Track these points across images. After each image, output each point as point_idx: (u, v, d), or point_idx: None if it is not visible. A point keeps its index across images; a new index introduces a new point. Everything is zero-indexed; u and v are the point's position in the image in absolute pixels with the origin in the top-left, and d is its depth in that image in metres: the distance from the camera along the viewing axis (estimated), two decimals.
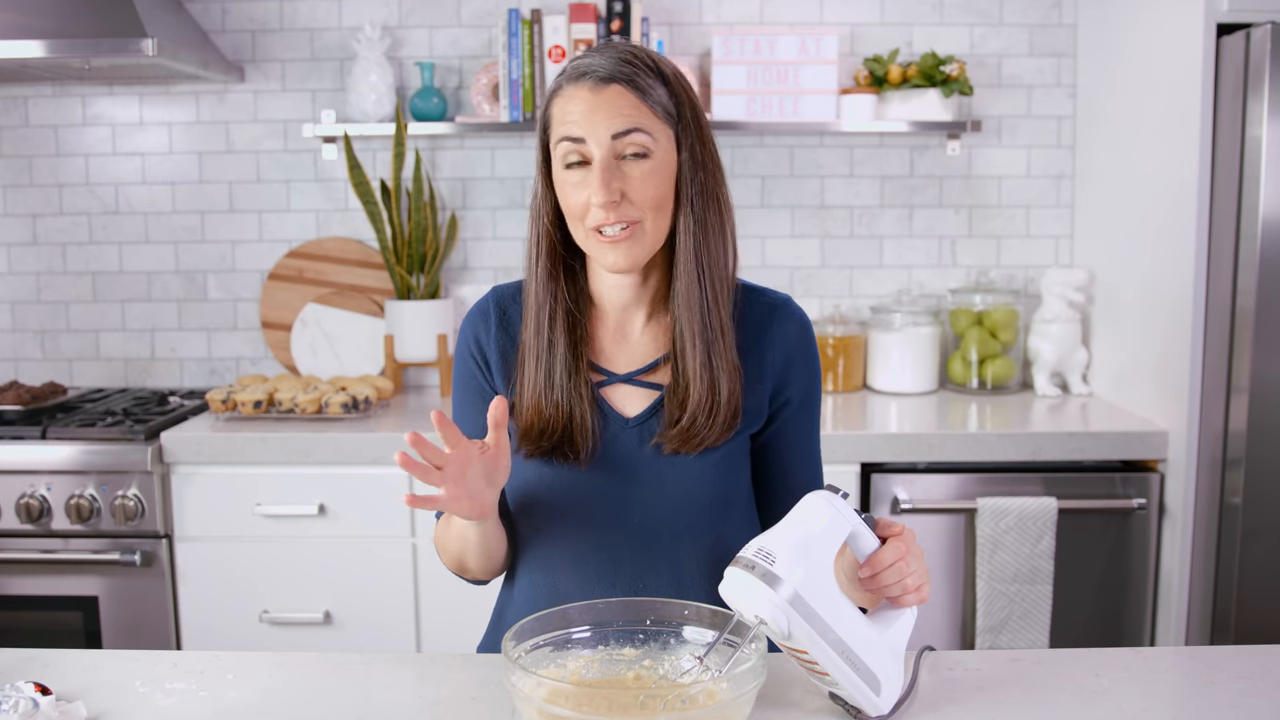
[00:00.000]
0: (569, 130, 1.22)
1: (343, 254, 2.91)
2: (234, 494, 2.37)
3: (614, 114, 1.21)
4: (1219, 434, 2.24)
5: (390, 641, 2.40)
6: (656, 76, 1.24)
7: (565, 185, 1.24)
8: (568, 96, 1.23)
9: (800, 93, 2.70)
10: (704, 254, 1.27)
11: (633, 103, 1.22)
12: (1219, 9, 2.14)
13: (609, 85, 1.21)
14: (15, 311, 2.97)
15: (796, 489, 1.35)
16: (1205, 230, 2.21)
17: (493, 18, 2.84)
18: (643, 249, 1.24)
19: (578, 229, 1.25)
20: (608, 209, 1.21)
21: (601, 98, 1.21)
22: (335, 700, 1.16)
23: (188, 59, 2.55)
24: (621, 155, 1.21)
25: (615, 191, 1.20)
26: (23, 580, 2.37)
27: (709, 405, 1.26)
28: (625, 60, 1.23)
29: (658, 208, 1.23)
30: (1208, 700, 1.14)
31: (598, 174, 1.20)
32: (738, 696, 1.00)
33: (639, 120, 1.21)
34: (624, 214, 1.22)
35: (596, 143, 1.21)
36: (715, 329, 1.27)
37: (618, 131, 1.20)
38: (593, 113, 1.21)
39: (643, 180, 1.22)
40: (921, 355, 2.77)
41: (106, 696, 1.16)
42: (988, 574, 2.32)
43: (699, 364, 1.26)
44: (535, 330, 1.29)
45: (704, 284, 1.27)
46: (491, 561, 1.33)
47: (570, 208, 1.24)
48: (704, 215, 1.27)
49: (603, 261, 1.25)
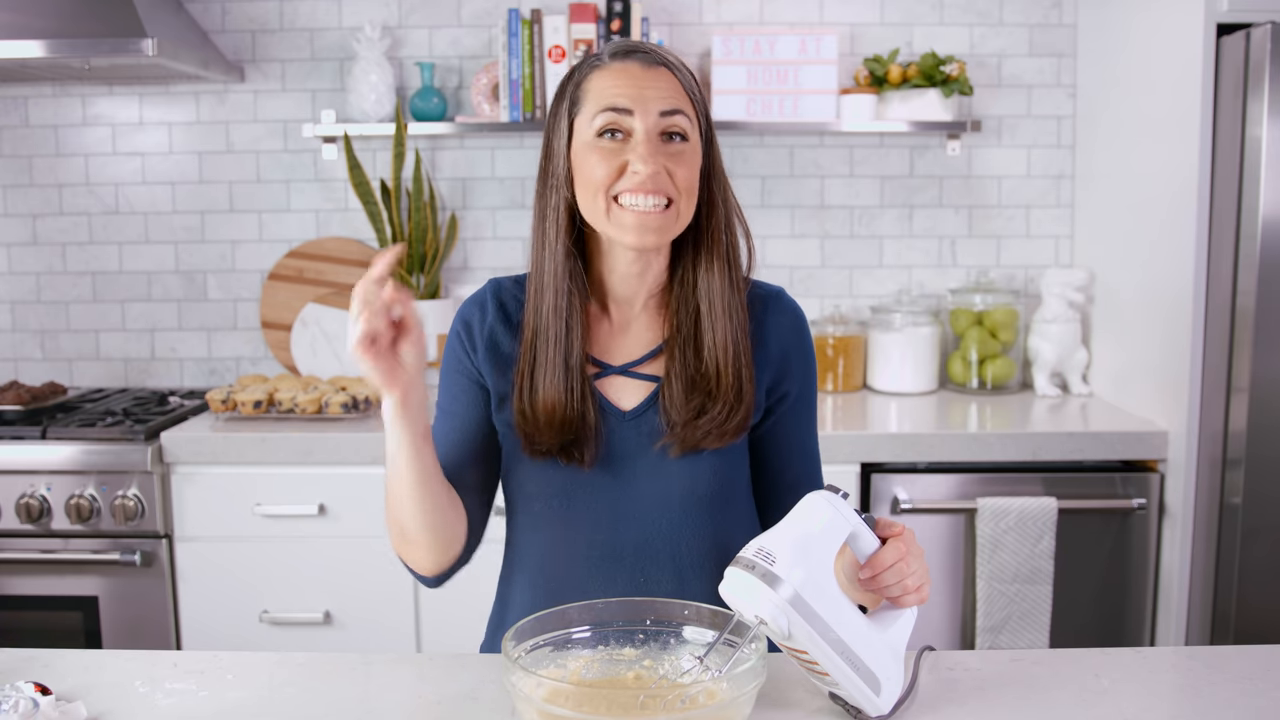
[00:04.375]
0: (614, 101, 1.22)
1: (343, 254, 2.91)
2: (234, 494, 2.37)
3: (663, 92, 1.23)
4: (1219, 434, 2.24)
5: (390, 641, 2.40)
6: (686, 71, 1.28)
7: (593, 154, 1.22)
8: (615, 71, 1.23)
9: (800, 93, 2.70)
10: (733, 253, 1.29)
11: (678, 88, 1.25)
12: (1219, 9, 2.14)
13: (658, 67, 1.24)
14: (15, 311, 2.97)
15: (794, 483, 1.35)
16: (1205, 230, 2.21)
17: (493, 18, 2.84)
18: (673, 229, 1.24)
19: (597, 201, 1.22)
20: (654, 179, 1.20)
21: (652, 76, 1.23)
22: (335, 700, 1.16)
23: (188, 59, 2.55)
24: (663, 133, 1.23)
25: (660, 165, 1.21)
26: (23, 580, 2.37)
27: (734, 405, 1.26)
28: (665, 54, 1.27)
29: (690, 191, 1.24)
30: (1208, 700, 1.14)
31: (644, 143, 1.21)
32: (738, 696, 1.00)
33: (682, 104, 1.24)
34: (663, 187, 1.21)
35: (644, 115, 1.21)
36: (741, 333, 1.28)
37: (666, 109, 1.22)
38: (643, 88, 1.22)
39: (681, 159, 1.23)
40: (921, 355, 2.77)
41: (106, 696, 1.16)
42: (988, 574, 2.32)
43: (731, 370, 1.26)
44: (554, 310, 1.26)
45: (732, 280, 1.28)
46: (432, 514, 1.20)
47: (593, 178, 1.22)
48: (724, 213, 1.29)
49: (622, 236, 1.23)
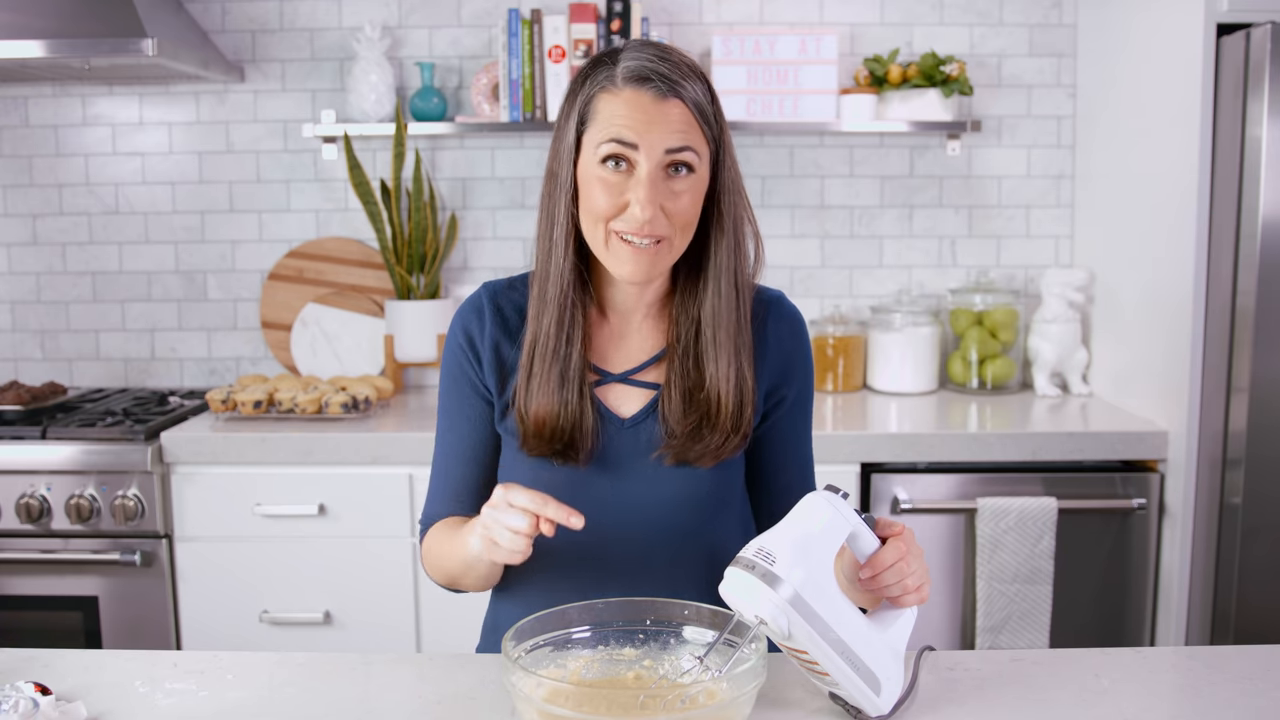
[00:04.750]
0: (621, 134, 1.19)
1: (343, 254, 2.91)
2: (234, 494, 2.37)
3: (671, 130, 1.19)
4: (1219, 434, 2.24)
5: (390, 641, 2.39)
6: (703, 84, 1.24)
7: (596, 183, 1.21)
8: (626, 99, 1.20)
9: (800, 93, 2.70)
10: (740, 275, 1.28)
11: (689, 121, 1.21)
12: (1219, 9, 2.14)
13: (670, 100, 1.20)
14: (15, 311, 2.97)
15: (788, 488, 1.36)
16: (1205, 230, 2.21)
17: (493, 18, 2.84)
18: (663, 265, 1.24)
19: (596, 229, 1.22)
20: (651, 224, 1.19)
21: (662, 111, 1.19)
22: (335, 700, 1.16)
23: (188, 59, 2.55)
24: (666, 167, 1.21)
25: (658, 207, 1.20)
26: (23, 580, 2.37)
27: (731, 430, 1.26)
28: (681, 74, 1.21)
29: (686, 226, 1.23)
30: (1208, 700, 1.14)
31: (645, 186, 1.19)
32: (738, 696, 1.00)
33: (691, 139, 1.21)
34: (657, 229, 1.20)
35: (649, 154, 1.19)
36: (743, 349, 1.27)
37: (672, 146, 1.19)
38: (651, 124, 1.19)
39: (681, 197, 1.21)
40: (921, 355, 2.77)
41: (106, 696, 1.16)
42: (988, 574, 2.32)
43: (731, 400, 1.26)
44: (557, 324, 1.26)
45: (739, 304, 1.27)
46: (491, 580, 1.31)
47: (596, 208, 1.21)
48: (734, 233, 1.27)
49: (617, 269, 1.23)
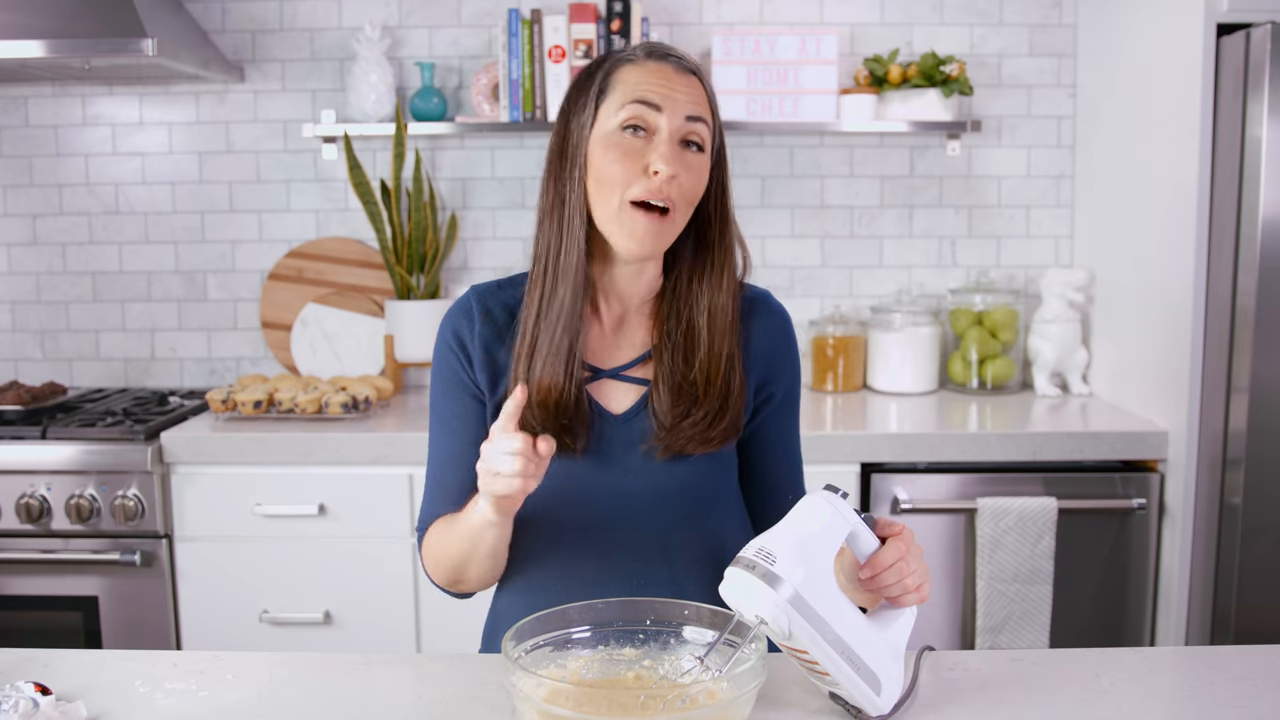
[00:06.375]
0: (647, 95, 1.22)
1: (343, 254, 2.91)
2: (234, 494, 2.37)
3: (691, 98, 1.24)
4: (1219, 434, 2.24)
5: (390, 641, 2.39)
6: (712, 91, 1.29)
7: (616, 149, 1.22)
8: (648, 69, 1.24)
9: (800, 93, 2.70)
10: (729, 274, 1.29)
11: (704, 100, 1.26)
12: (1219, 9, 2.14)
13: (689, 74, 1.25)
14: (15, 311, 2.97)
15: (778, 486, 1.37)
16: (1205, 230, 2.21)
17: (493, 18, 2.84)
18: (666, 240, 1.25)
19: (611, 200, 1.22)
20: (669, 183, 1.21)
21: (683, 80, 1.24)
22: (335, 700, 1.16)
23: (188, 59, 2.55)
24: (683, 140, 1.24)
25: (678, 168, 1.22)
26: (23, 580, 2.37)
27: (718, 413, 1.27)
28: (694, 64, 1.27)
29: (690, 201, 1.25)
30: (1208, 700, 1.14)
31: (666, 144, 1.21)
32: (738, 696, 1.00)
33: (705, 115, 1.25)
34: (669, 193, 1.22)
35: (671, 115, 1.22)
36: (735, 346, 1.29)
37: (692, 115, 1.23)
38: (674, 90, 1.23)
39: (693, 171, 1.24)
40: (921, 355, 2.77)
41: (106, 696, 1.16)
42: (988, 574, 2.32)
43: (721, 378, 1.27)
44: (573, 292, 1.25)
45: (729, 302, 1.29)
46: (496, 567, 1.30)
47: (612, 175, 1.22)
48: (725, 231, 1.30)
49: (625, 242, 1.23)
